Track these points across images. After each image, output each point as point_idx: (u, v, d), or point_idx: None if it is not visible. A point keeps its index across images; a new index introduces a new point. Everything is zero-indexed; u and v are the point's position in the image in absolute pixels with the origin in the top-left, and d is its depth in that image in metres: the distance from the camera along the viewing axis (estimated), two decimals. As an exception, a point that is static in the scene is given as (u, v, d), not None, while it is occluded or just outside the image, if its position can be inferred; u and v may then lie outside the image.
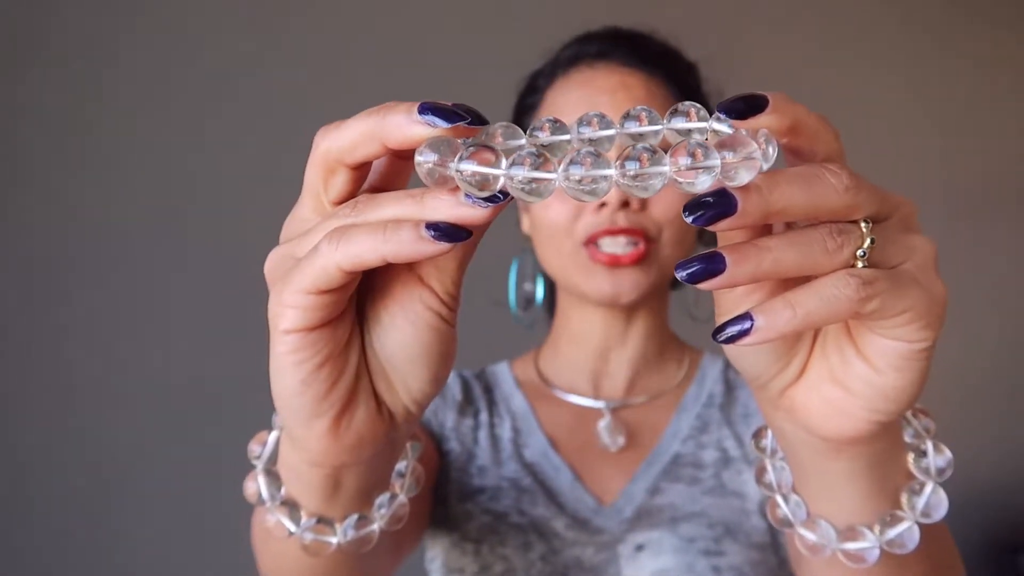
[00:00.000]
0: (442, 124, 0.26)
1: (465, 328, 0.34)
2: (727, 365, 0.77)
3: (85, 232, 1.53)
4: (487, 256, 0.71)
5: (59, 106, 1.53)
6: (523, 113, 0.75)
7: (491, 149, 0.26)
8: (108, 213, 1.53)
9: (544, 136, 0.27)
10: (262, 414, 0.41)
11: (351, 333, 0.31)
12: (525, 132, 0.28)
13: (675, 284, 0.80)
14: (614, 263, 0.66)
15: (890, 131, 1.78)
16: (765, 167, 0.25)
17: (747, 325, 0.26)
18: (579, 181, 0.25)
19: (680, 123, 0.27)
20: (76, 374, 1.52)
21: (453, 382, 0.76)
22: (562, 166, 0.26)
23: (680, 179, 0.25)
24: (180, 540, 1.50)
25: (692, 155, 0.25)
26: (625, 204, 0.66)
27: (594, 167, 0.25)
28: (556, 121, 0.28)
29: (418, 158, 0.26)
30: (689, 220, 0.25)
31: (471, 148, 0.26)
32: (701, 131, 0.27)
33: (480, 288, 0.68)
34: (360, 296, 0.32)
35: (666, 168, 0.25)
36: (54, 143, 1.52)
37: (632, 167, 0.25)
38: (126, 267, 1.54)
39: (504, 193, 0.26)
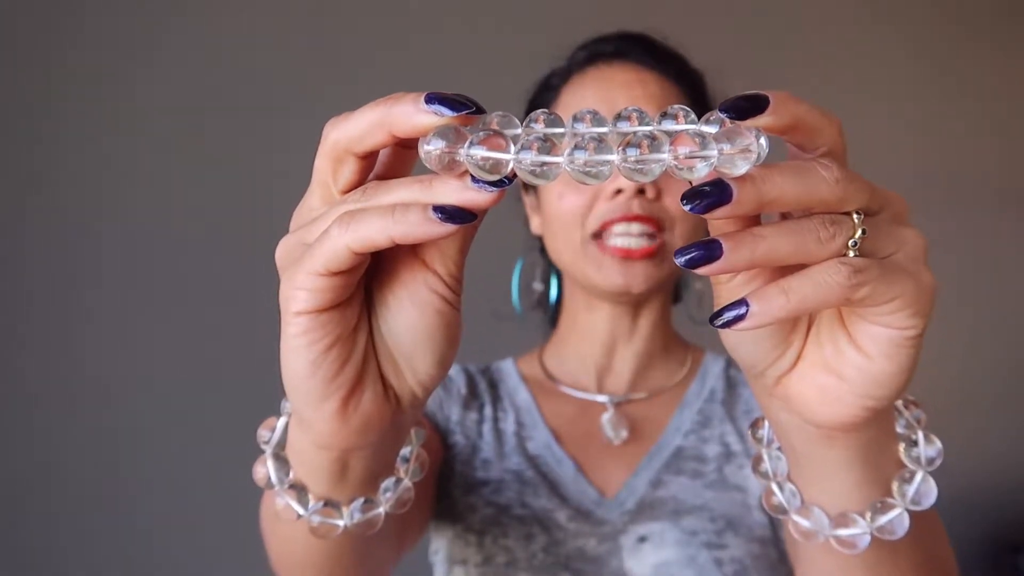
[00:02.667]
0: (448, 113, 0.28)
1: (469, 327, 0.35)
2: (729, 364, 0.78)
3: (90, 226, 1.53)
4: (491, 260, 0.72)
5: (61, 103, 1.54)
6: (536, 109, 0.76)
7: (502, 135, 0.27)
8: (111, 209, 1.54)
9: (539, 128, 0.29)
10: (268, 405, 0.42)
11: (359, 317, 0.32)
12: (521, 123, 0.29)
13: (676, 298, 0.81)
14: (626, 256, 0.67)
15: (889, 127, 1.78)
16: (760, 152, 0.27)
17: (743, 310, 0.27)
18: (584, 164, 0.27)
19: (669, 125, 0.28)
20: (81, 367, 1.53)
21: (458, 376, 0.77)
22: (567, 150, 0.27)
23: (679, 166, 0.26)
24: (188, 531, 1.51)
25: (691, 144, 0.26)
26: (640, 192, 0.67)
27: (597, 152, 0.27)
28: (551, 114, 0.29)
29: (426, 146, 0.28)
30: (687, 208, 0.26)
31: (482, 134, 0.27)
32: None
33: (484, 290, 0.69)
34: (367, 282, 0.33)
35: (665, 155, 0.26)
36: (55, 141, 1.53)
37: (633, 153, 0.26)
38: (130, 259, 1.54)
39: (507, 178, 0.28)
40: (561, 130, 0.28)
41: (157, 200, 1.55)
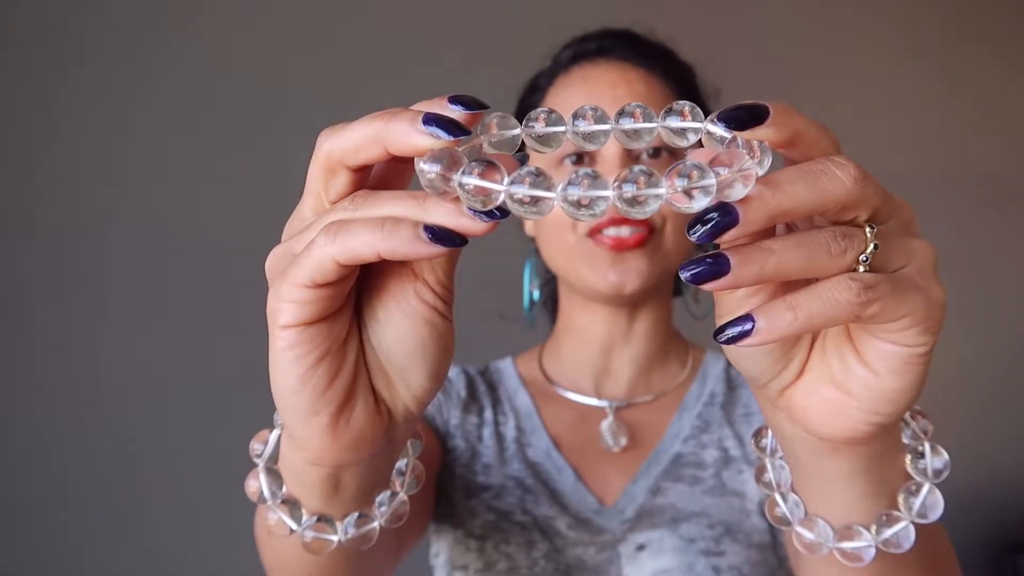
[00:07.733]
0: (445, 136, 0.26)
1: (467, 326, 0.34)
2: (729, 364, 0.77)
3: (88, 232, 1.53)
4: (491, 259, 0.71)
5: (62, 107, 1.53)
6: (525, 113, 0.76)
7: (495, 166, 0.26)
8: (109, 214, 1.54)
9: (539, 127, 0.27)
10: (262, 415, 0.41)
11: (349, 330, 0.31)
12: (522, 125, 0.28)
13: (676, 291, 0.80)
14: (619, 246, 0.66)
15: (887, 128, 1.78)
16: (760, 172, 0.25)
17: (748, 327, 0.26)
18: (577, 201, 0.25)
19: (674, 122, 0.27)
20: (79, 374, 1.52)
21: (457, 379, 0.76)
22: (560, 186, 0.26)
23: (676, 203, 0.25)
24: (183, 539, 1.51)
25: (688, 176, 0.24)
26: None
27: (591, 188, 0.25)
28: (551, 112, 0.27)
29: (422, 166, 0.26)
30: (693, 238, 0.25)
31: (476, 166, 0.26)
32: (696, 131, 0.27)
33: (485, 289, 0.68)
34: (358, 294, 0.32)
35: (662, 190, 0.25)
36: (56, 143, 1.53)
37: (629, 189, 0.25)
38: (127, 267, 1.54)
39: (502, 211, 0.26)
40: (562, 128, 0.27)
41: (163, 204, 1.55)
